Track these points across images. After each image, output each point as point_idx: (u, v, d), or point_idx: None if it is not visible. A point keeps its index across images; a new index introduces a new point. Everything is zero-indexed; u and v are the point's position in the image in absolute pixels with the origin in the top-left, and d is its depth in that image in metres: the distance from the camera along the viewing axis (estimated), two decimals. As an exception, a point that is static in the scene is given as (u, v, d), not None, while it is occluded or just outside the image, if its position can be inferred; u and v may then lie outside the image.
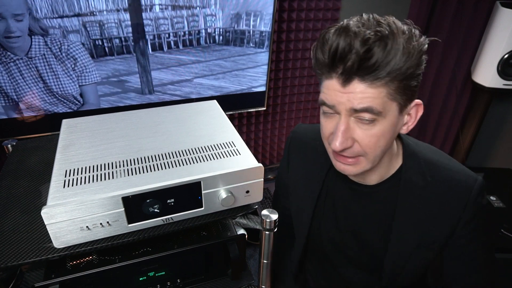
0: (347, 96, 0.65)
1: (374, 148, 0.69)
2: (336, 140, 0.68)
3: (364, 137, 0.68)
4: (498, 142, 2.34)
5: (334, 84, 0.66)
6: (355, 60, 0.61)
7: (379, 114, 0.65)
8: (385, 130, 0.68)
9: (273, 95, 1.89)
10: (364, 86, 0.63)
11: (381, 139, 0.69)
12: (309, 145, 0.91)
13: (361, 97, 0.64)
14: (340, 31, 0.63)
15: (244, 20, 1.55)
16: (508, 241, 1.53)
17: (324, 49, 0.65)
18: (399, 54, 0.61)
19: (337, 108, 0.67)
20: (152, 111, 0.90)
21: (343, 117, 0.67)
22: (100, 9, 1.32)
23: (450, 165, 0.80)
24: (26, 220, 0.68)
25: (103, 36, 1.38)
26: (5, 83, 1.30)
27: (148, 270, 0.73)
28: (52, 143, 0.90)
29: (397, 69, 0.62)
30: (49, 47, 1.30)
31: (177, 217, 0.68)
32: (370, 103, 0.64)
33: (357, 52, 0.60)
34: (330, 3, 1.72)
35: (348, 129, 0.68)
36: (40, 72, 1.32)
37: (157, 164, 0.69)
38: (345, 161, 0.73)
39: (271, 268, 0.81)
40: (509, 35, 1.71)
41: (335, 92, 0.66)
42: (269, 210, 0.75)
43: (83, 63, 1.38)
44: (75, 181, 0.64)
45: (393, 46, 0.61)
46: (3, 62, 1.26)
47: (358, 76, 0.63)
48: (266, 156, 2.10)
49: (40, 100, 1.37)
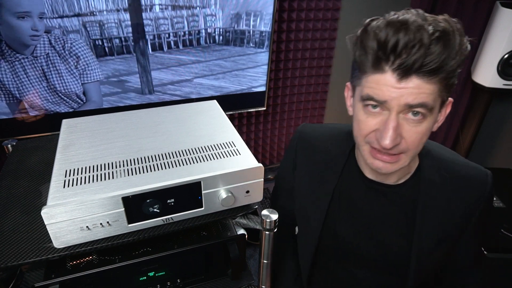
0: (402, 92, 0.63)
1: (417, 145, 0.69)
2: (386, 138, 0.65)
3: (411, 134, 0.66)
4: (498, 142, 2.34)
5: (388, 78, 0.63)
6: (419, 56, 0.59)
7: (430, 110, 0.65)
8: (429, 127, 0.68)
9: (273, 95, 1.89)
10: (421, 81, 0.62)
11: (425, 136, 0.68)
12: (319, 146, 0.90)
13: (417, 92, 0.62)
14: (398, 25, 0.61)
15: (244, 20, 1.55)
16: (508, 241, 1.53)
17: (377, 42, 0.62)
18: (455, 52, 0.61)
19: (389, 104, 0.65)
20: (152, 111, 0.90)
21: (394, 114, 0.65)
22: (100, 9, 1.32)
23: (460, 160, 0.82)
24: (26, 220, 0.68)
25: (103, 36, 1.38)
26: (8, 82, 1.30)
27: (148, 270, 0.73)
28: (52, 143, 0.90)
29: (452, 66, 0.62)
30: (53, 46, 1.31)
31: (177, 217, 0.68)
32: (426, 99, 0.63)
33: (424, 47, 0.59)
34: (330, 3, 1.72)
35: (398, 126, 0.66)
36: (44, 71, 1.33)
37: (157, 164, 0.69)
38: (384, 159, 0.71)
39: (271, 268, 0.81)
40: (509, 35, 1.71)
41: (387, 87, 0.63)
42: (269, 210, 0.75)
43: (85, 60, 1.38)
44: (75, 181, 0.64)
45: (454, 44, 0.61)
46: (9, 61, 1.27)
47: (417, 72, 0.61)
48: (266, 156, 2.10)
49: (43, 99, 1.38)
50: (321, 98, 2.02)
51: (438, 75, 0.62)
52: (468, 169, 0.81)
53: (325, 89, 2.00)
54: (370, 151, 0.72)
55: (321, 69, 1.92)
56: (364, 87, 0.68)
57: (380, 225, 0.84)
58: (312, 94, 1.98)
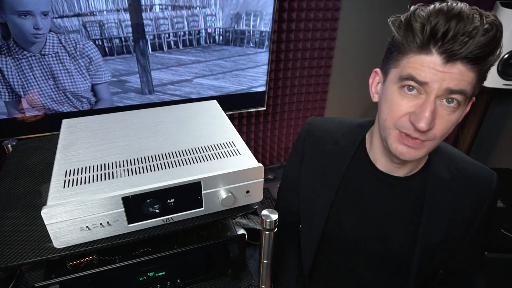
0: (445, 76, 0.63)
1: (444, 134, 0.70)
2: (423, 120, 0.66)
3: (443, 121, 0.68)
4: (498, 142, 2.34)
5: (433, 60, 0.64)
6: (468, 44, 0.61)
7: (466, 99, 0.66)
8: (459, 117, 0.69)
9: (273, 95, 1.90)
10: (464, 68, 0.63)
11: (453, 126, 0.70)
12: (328, 138, 0.90)
13: (460, 78, 0.63)
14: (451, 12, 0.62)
15: (244, 20, 1.55)
16: (508, 241, 1.53)
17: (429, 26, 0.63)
18: (499, 45, 0.64)
19: (430, 86, 0.65)
20: (152, 111, 0.90)
21: (433, 97, 0.66)
22: (100, 9, 1.32)
23: (468, 159, 0.84)
24: (26, 220, 0.68)
25: (103, 36, 1.38)
26: (13, 79, 1.31)
27: (148, 270, 0.73)
28: (52, 143, 0.90)
29: (492, 60, 0.64)
30: (63, 45, 1.32)
31: (177, 217, 0.68)
32: (466, 86, 0.64)
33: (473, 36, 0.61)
34: (330, 3, 1.72)
35: (434, 111, 0.67)
36: (52, 69, 1.34)
37: (157, 164, 0.69)
38: (412, 145, 0.70)
39: (271, 268, 0.81)
40: (509, 35, 1.71)
41: (431, 69, 0.64)
42: (269, 210, 0.75)
43: (97, 62, 1.40)
44: (75, 181, 0.64)
45: (499, 38, 0.63)
46: (15, 58, 1.28)
47: (462, 59, 0.62)
48: (266, 156, 2.10)
49: (47, 97, 1.39)
50: (321, 98, 2.02)
51: (480, 65, 0.64)
52: (476, 168, 0.82)
53: (325, 89, 2.00)
54: (398, 135, 0.72)
55: (321, 69, 1.92)
56: (404, 67, 0.68)
57: (385, 220, 0.84)
58: (312, 94, 1.98)
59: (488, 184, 0.81)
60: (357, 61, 1.97)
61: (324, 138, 0.91)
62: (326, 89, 2.00)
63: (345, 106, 2.13)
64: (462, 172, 0.81)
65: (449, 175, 0.80)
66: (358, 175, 0.86)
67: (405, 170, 0.82)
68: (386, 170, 0.83)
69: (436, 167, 0.80)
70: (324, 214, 0.88)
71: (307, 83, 1.93)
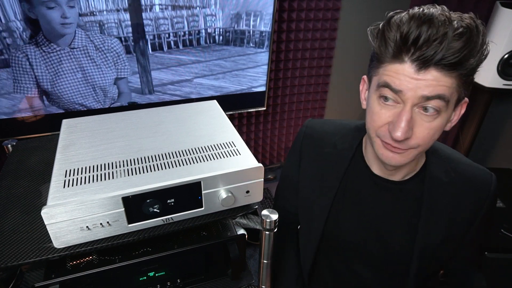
0: (419, 83, 0.63)
1: (428, 142, 0.68)
2: (398, 130, 0.65)
3: (423, 129, 0.66)
4: (498, 142, 2.34)
5: (406, 69, 0.63)
6: (440, 49, 0.60)
7: (447, 103, 0.64)
8: (442, 124, 0.68)
9: (273, 95, 1.90)
10: (439, 74, 0.62)
11: (437, 133, 0.68)
12: (326, 141, 0.90)
13: (435, 84, 0.62)
14: (423, 18, 0.61)
15: (244, 20, 1.55)
16: (508, 241, 1.53)
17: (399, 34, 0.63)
18: (477, 50, 0.62)
19: (404, 95, 0.65)
20: (152, 111, 0.90)
21: (409, 106, 0.65)
22: (100, 9, 1.32)
23: (466, 161, 0.83)
24: (26, 220, 0.68)
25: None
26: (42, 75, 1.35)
27: (148, 270, 0.73)
28: (52, 143, 0.90)
29: (472, 64, 0.62)
30: (91, 40, 1.37)
31: (177, 217, 0.68)
32: (443, 91, 0.63)
33: (445, 41, 0.60)
34: (330, 3, 1.72)
35: (411, 120, 0.66)
36: (81, 62, 1.39)
37: (157, 164, 0.69)
38: (395, 150, 0.71)
39: (271, 268, 0.81)
40: (509, 35, 1.71)
41: (405, 77, 0.64)
42: (269, 210, 0.75)
43: (123, 58, 1.45)
44: (75, 181, 0.64)
45: (476, 41, 0.61)
46: (45, 52, 1.32)
47: (436, 65, 0.61)
48: (266, 156, 2.10)
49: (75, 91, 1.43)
50: (321, 98, 2.02)
51: (457, 70, 0.62)
52: (474, 170, 0.82)
53: (325, 89, 2.00)
54: (381, 142, 0.73)
55: (321, 69, 1.92)
56: (382, 75, 0.68)
57: (384, 222, 0.84)
58: (312, 94, 1.98)
59: (487, 186, 0.80)
60: (357, 61, 1.97)
61: (322, 141, 0.91)
62: (326, 89, 2.00)
63: (345, 106, 2.13)
64: (460, 174, 0.80)
65: (447, 178, 0.79)
66: (356, 177, 0.86)
67: (401, 174, 0.82)
68: (382, 175, 0.83)
69: (434, 170, 0.80)
70: (323, 215, 0.88)
71: (307, 83, 1.93)
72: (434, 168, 0.80)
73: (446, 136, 2.19)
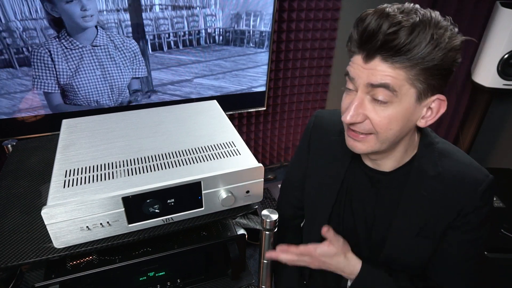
0: (367, 72, 0.68)
1: (384, 130, 0.71)
2: (347, 113, 0.71)
3: (376, 116, 0.70)
4: (498, 142, 2.34)
5: (359, 59, 0.69)
6: (379, 39, 0.64)
7: (394, 94, 0.67)
8: (398, 115, 0.70)
9: (273, 95, 1.90)
10: (385, 65, 0.66)
11: (393, 123, 0.70)
12: (333, 129, 0.92)
13: (381, 74, 0.67)
14: (376, 13, 0.66)
15: (244, 20, 1.55)
16: (508, 241, 1.53)
17: (358, 28, 0.69)
18: (424, 43, 0.63)
19: (356, 82, 0.70)
20: (152, 111, 0.90)
21: (360, 92, 0.70)
22: (100, 9, 1.32)
23: (464, 159, 0.81)
24: (26, 220, 0.68)
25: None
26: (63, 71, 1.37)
27: (148, 270, 0.73)
28: (52, 143, 0.90)
29: (420, 58, 0.64)
30: (112, 40, 1.40)
31: (177, 217, 0.68)
32: (387, 80, 0.66)
33: (383, 32, 0.64)
34: (330, 3, 1.72)
35: (362, 105, 0.70)
36: (101, 60, 1.42)
37: (157, 164, 0.69)
38: (355, 137, 0.75)
39: (271, 268, 0.81)
40: (509, 35, 1.71)
41: (358, 66, 0.70)
42: (269, 210, 0.75)
43: (140, 57, 1.48)
44: (75, 181, 0.64)
45: (420, 34, 0.63)
46: (67, 49, 1.34)
47: (380, 55, 0.66)
48: (266, 156, 2.10)
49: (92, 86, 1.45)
50: (321, 98, 2.02)
51: (402, 62, 0.65)
52: (467, 168, 0.80)
53: (325, 89, 2.00)
54: (346, 129, 0.77)
55: (321, 69, 1.92)
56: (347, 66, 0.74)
57: (372, 211, 0.85)
58: (312, 94, 1.98)
59: (475, 186, 0.77)
60: (357, 61, 1.97)
61: (329, 130, 0.93)
62: (326, 89, 2.00)
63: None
64: (448, 171, 0.79)
65: (433, 172, 0.79)
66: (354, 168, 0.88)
67: (386, 166, 0.83)
68: (371, 165, 0.85)
69: (421, 162, 0.81)
70: (330, 205, 0.89)
71: (307, 83, 1.93)
72: (422, 161, 0.81)
73: (446, 136, 2.19)
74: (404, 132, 0.74)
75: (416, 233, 0.80)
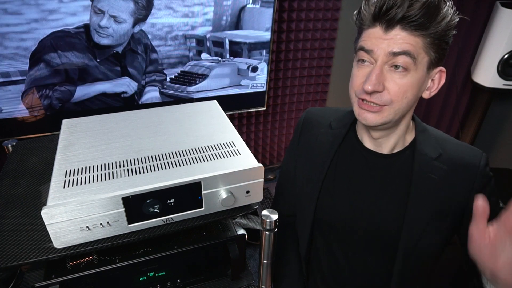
0: (388, 42, 0.72)
1: (401, 98, 0.75)
2: (369, 82, 0.73)
3: (394, 85, 0.74)
4: (498, 142, 2.34)
5: (377, 31, 0.74)
6: (399, 11, 0.70)
7: (414, 60, 0.72)
8: (413, 83, 0.74)
9: (273, 95, 1.90)
10: (404, 33, 0.72)
11: (409, 91, 0.75)
12: (322, 123, 0.96)
13: (401, 42, 0.72)
14: None
15: (244, 20, 1.54)
16: (508, 241, 1.53)
17: (371, 4, 0.75)
18: (437, 15, 0.71)
19: (375, 53, 0.74)
20: (152, 111, 0.90)
21: (379, 63, 0.74)
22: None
23: (458, 141, 0.87)
24: (26, 220, 0.68)
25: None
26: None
27: (148, 270, 0.73)
28: (52, 143, 0.90)
29: (434, 27, 0.71)
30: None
31: (177, 217, 0.68)
32: (409, 47, 0.72)
33: (403, 5, 0.70)
34: (330, 3, 1.72)
35: (382, 75, 0.74)
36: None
37: (157, 164, 0.69)
38: (370, 109, 0.77)
39: (271, 268, 0.81)
40: (509, 35, 1.71)
41: (376, 38, 0.74)
42: (269, 210, 0.75)
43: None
44: (75, 181, 0.64)
45: (434, 7, 0.70)
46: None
47: (400, 25, 0.71)
48: (266, 156, 2.10)
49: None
50: (321, 98, 2.02)
51: (419, 31, 0.71)
52: (463, 148, 0.86)
53: (325, 89, 2.00)
54: (358, 102, 0.79)
55: (321, 69, 1.92)
56: (359, 42, 0.79)
57: (374, 198, 0.86)
58: (312, 94, 1.98)
59: (476, 162, 0.83)
60: (357, 61, 1.97)
61: (319, 123, 0.96)
62: (326, 89, 2.00)
63: (345, 106, 2.13)
64: (448, 152, 0.84)
65: (435, 154, 0.83)
66: (348, 154, 0.90)
67: (388, 146, 0.85)
68: (371, 147, 0.87)
69: (423, 146, 0.84)
70: (315, 193, 0.91)
71: (307, 83, 1.93)
72: (423, 145, 0.84)
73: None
74: (413, 101, 0.79)
75: (430, 216, 0.82)
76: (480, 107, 1.99)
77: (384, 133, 0.83)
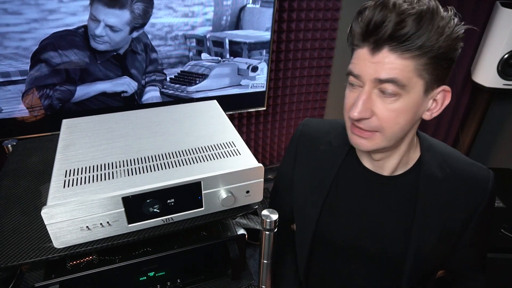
0: (375, 66, 0.66)
1: (392, 124, 0.69)
2: (355, 109, 0.68)
3: (384, 110, 0.68)
4: (498, 142, 2.34)
5: (364, 53, 0.67)
6: (388, 28, 0.63)
7: (403, 88, 0.66)
8: (407, 107, 0.68)
9: (273, 95, 1.89)
10: (393, 56, 0.64)
11: (401, 116, 0.69)
12: (321, 139, 0.91)
13: (389, 67, 0.65)
14: (379, 4, 0.65)
15: (244, 20, 1.54)
16: (508, 241, 1.53)
17: (360, 21, 0.67)
18: (432, 31, 0.62)
19: (362, 78, 0.68)
20: (152, 111, 0.90)
21: (367, 87, 0.68)
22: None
23: (462, 157, 0.83)
24: (26, 220, 0.68)
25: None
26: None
27: (148, 270, 0.73)
28: (52, 143, 0.90)
29: (428, 46, 0.63)
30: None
31: (177, 217, 0.68)
32: (396, 74, 0.65)
33: (391, 21, 0.62)
34: (330, 3, 1.72)
35: (369, 100, 0.68)
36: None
37: (157, 164, 0.69)
38: (361, 134, 0.73)
39: (271, 268, 0.81)
40: (509, 35, 1.71)
41: (364, 61, 0.67)
42: (269, 210, 0.75)
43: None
44: (75, 181, 0.64)
45: (428, 22, 0.62)
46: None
47: (388, 45, 0.64)
48: (266, 156, 2.10)
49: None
50: (321, 98, 2.02)
51: (411, 52, 0.63)
52: (470, 167, 0.81)
53: (325, 89, 2.00)
54: (351, 126, 0.75)
55: (321, 69, 1.92)
56: (349, 65, 0.72)
57: (378, 219, 0.83)
58: (312, 94, 1.98)
59: (484, 183, 0.79)
60: (357, 61, 1.96)
61: (318, 139, 0.91)
62: (326, 89, 2.00)
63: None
64: (456, 171, 0.79)
65: (442, 174, 0.79)
66: (349, 174, 0.86)
67: (389, 167, 0.81)
68: (372, 168, 0.83)
69: (429, 166, 0.79)
70: (316, 213, 0.88)
71: (307, 83, 1.93)
72: (429, 164, 0.79)
73: (446, 136, 2.19)
74: (410, 126, 0.72)
75: (437, 238, 0.79)
76: (480, 107, 1.99)
77: (384, 155, 0.79)
